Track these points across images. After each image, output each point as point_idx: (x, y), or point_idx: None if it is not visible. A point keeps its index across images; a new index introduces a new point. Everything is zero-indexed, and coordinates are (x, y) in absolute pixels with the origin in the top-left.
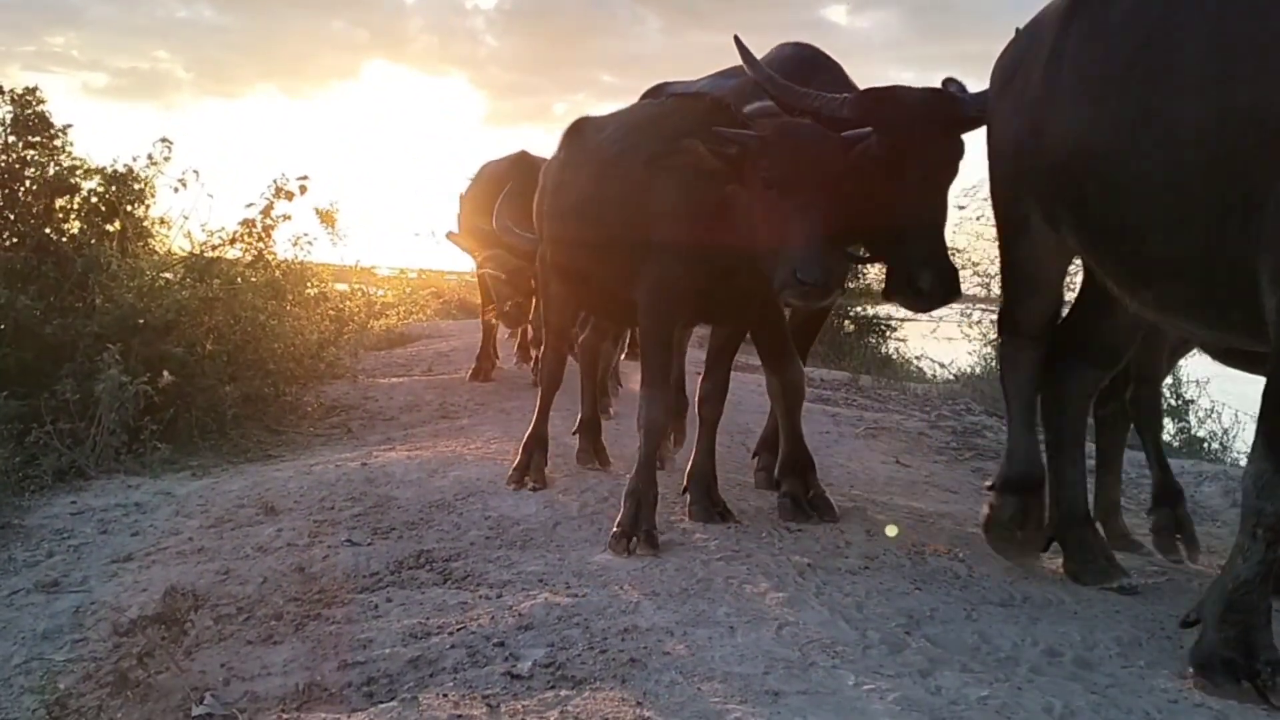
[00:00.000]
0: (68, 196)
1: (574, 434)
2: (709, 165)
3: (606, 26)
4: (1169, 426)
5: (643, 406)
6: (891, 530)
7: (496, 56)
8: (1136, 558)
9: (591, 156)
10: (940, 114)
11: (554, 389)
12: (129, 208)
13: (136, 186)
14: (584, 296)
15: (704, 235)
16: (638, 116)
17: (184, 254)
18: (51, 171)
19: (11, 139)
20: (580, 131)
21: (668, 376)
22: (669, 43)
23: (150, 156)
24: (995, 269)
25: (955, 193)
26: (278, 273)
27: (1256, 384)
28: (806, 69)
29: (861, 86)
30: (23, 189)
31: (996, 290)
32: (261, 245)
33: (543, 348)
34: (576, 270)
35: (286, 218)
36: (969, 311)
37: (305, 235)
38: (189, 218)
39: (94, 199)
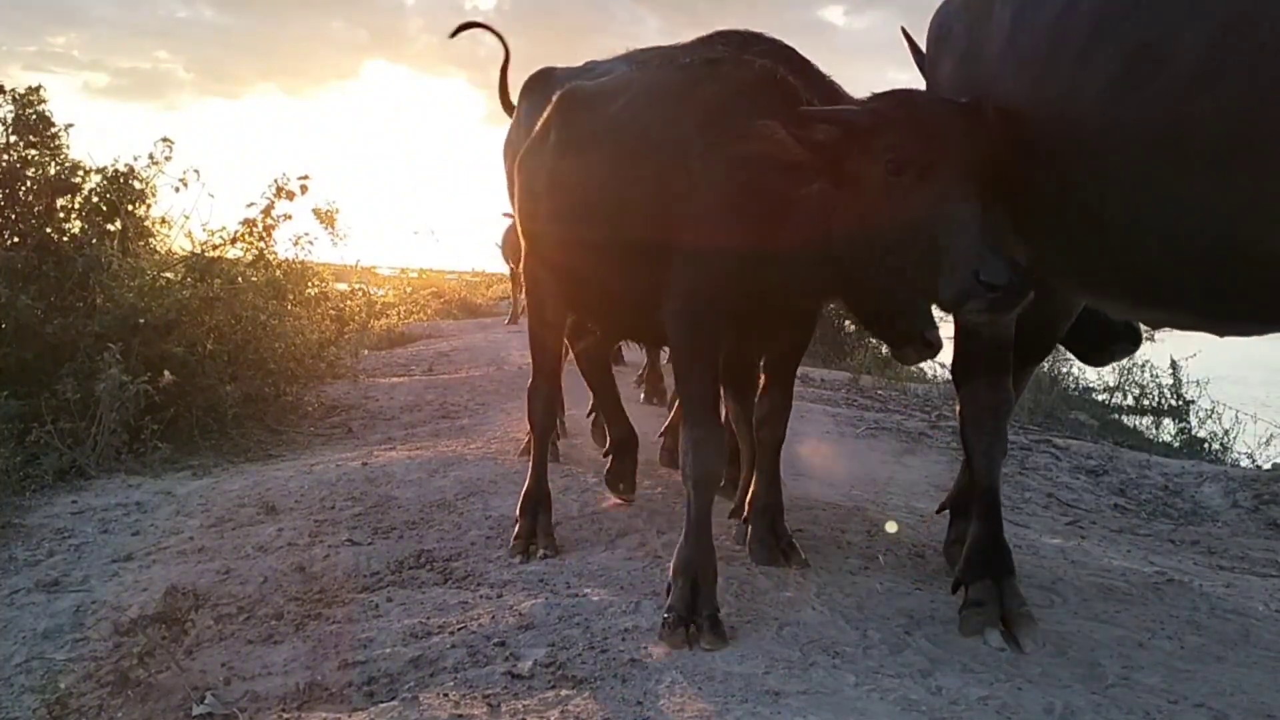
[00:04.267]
0: (69, 196)
1: (605, 454)
2: (791, 155)
3: (606, 26)
4: (1169, 426)
5: (687, 453)
6: (891, 527)
7: (496, 57)
8: (1140, 560)
9: (601, 137)
10: None
11: (550, 425)
12: (130, 207)
13: (137, 186)
14: (588, 306)
15: (759, 237)
16: (658, 86)
17: (185, 253)
18: (52, 171)
19: (13, 139)
20: (574, 106)
21: (715, 411)
22: (667, 43)
23: (151, 156)
24: None
25: None
26: (278, 272)
27: (1257, 384)
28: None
29: (851, 89)
30: (24, 188)
31: None
32: (262, 245)
33: (531, 382)
34: (580, 275)
35: (287, 217)
36: None
37: (306, 235)
38: (190, 217)
39: (95, 199)
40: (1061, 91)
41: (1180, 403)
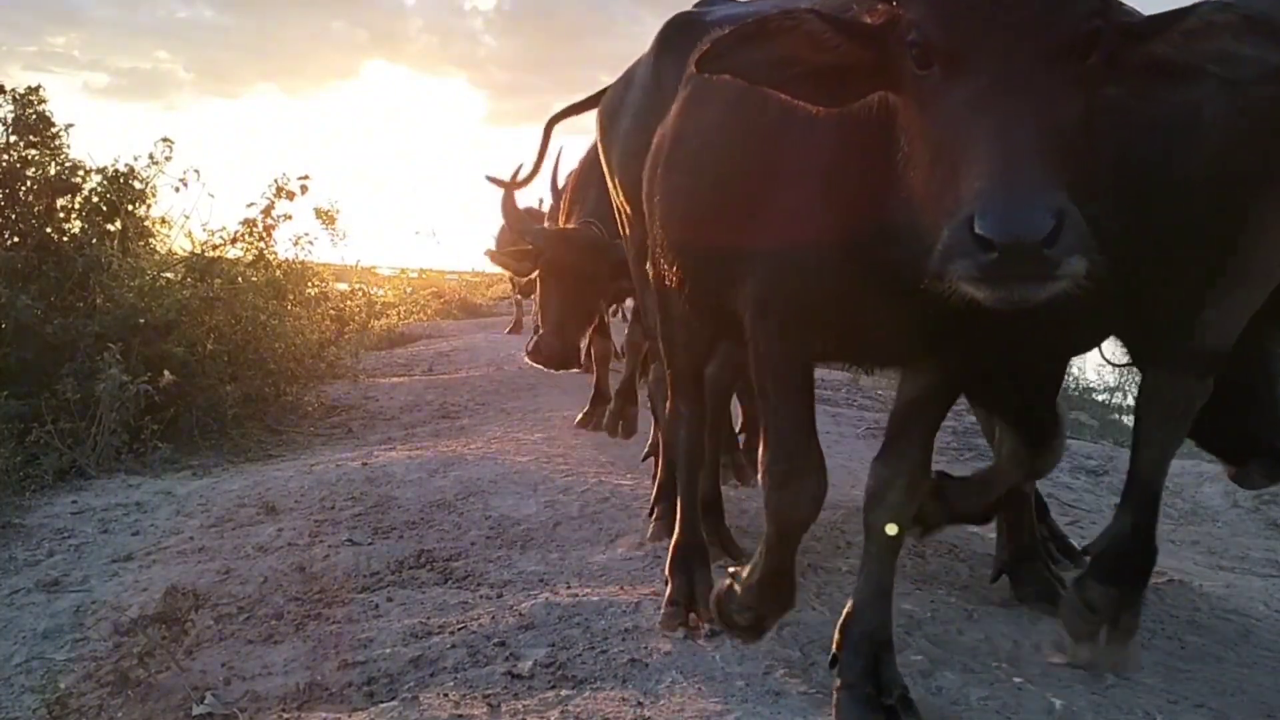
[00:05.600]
0: (69, 196)
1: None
2: (832, 54)
3: (605, 27)
4: None
5: (768, 488)
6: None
7: (496, 56)
8: None
9: (725, 98)
10: None
11: (698, 461)
12: (130, 207)
13: (138, 186)
14: (724, 323)
15: (850, 207)
16: None
17: (185, 254)
18: (52, 171)
19: (13, 138)
20: None
21: (808, 443)
22: None
23: (151, 156)
24: None
25: None
26: (279, 272)
27: None
28: None
29: None
30: (24, 188)
31: None
32: (262, 245)
33: (669, 403)
34: (708, 280)
35: (287, 217)
36: None
37: (306, 235)
38: (190, 217)
39: (95, 199)
40: None
41: None
